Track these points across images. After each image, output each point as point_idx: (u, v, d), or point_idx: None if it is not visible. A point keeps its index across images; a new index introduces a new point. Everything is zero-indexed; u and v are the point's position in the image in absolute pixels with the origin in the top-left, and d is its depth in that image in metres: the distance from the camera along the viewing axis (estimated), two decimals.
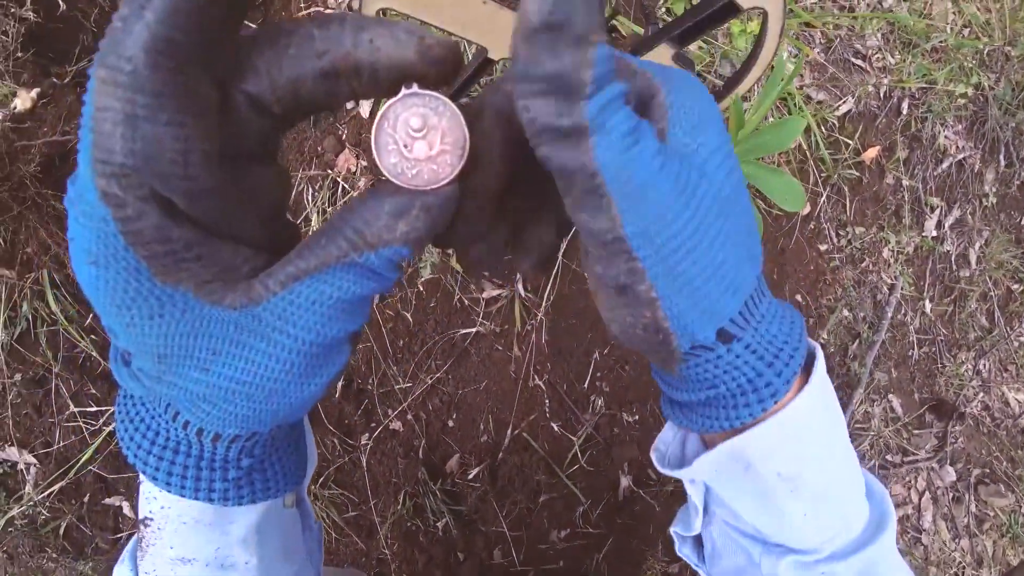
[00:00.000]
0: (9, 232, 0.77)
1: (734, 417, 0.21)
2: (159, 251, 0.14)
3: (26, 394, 0.84)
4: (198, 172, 0.14)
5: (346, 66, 0.15)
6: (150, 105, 0.12)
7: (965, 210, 1.11)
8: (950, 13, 1.04)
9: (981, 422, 1.14)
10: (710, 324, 0.19)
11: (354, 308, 0.17)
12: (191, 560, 0.22)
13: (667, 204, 0.16)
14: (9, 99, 0.78)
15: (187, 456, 0.19)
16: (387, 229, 0.15)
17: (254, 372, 0.16)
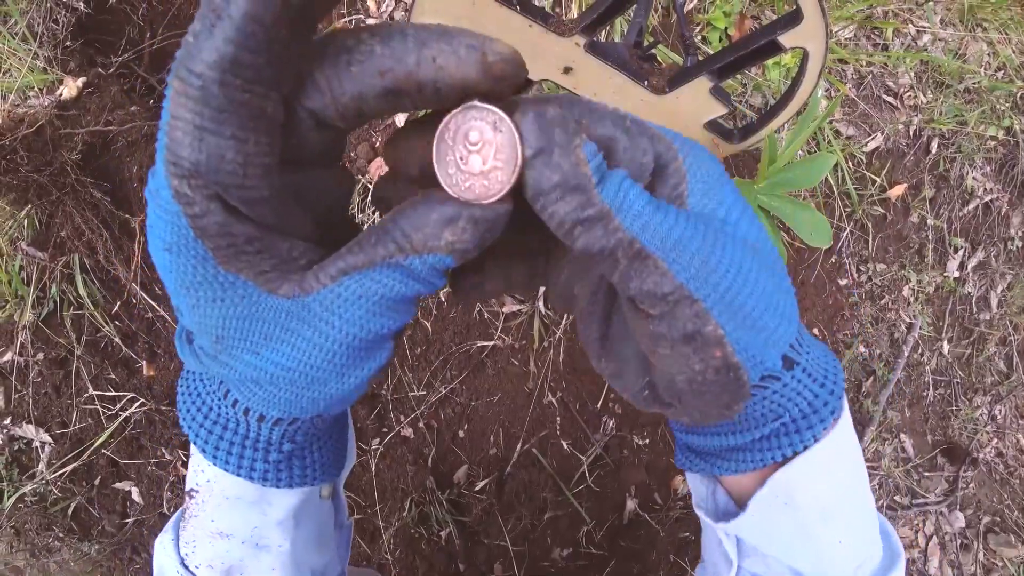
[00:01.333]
0: (45, 215, 0.79)
1: (798, 442, 0.21)
2: (222, 243, 0.16)
3: (47, 374, 0.85)
4: (256, 182, 0.15)
5: (409, 85, 0.15)
6: (215, 119, 0.13)
7: (989, 252, 1.10)
8: (985, 55, 1.03)
9: (994, 469, 1.12)
10: (775, 351, 0.19)
11: (398, 307, 0.17)
12: (229, 535, 0.24)
13: (707, 250, 0.17)
14: (56, 86, 0.80)
15: (234, 433, 0.21)
16: (433, 236, 0.16)
17: (298, 359, 0.18)
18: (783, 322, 0.19)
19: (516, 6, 0.45)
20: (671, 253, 0.17)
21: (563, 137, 0.16)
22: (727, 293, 0.18)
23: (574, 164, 0.16)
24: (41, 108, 0.75)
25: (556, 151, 0.16)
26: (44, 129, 0.73)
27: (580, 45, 0.48)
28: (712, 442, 0.23)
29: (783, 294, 0.19)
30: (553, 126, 0.16)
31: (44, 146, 0.74)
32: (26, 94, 0.79)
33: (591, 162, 0.16)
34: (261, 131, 0.14)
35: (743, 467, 0.23)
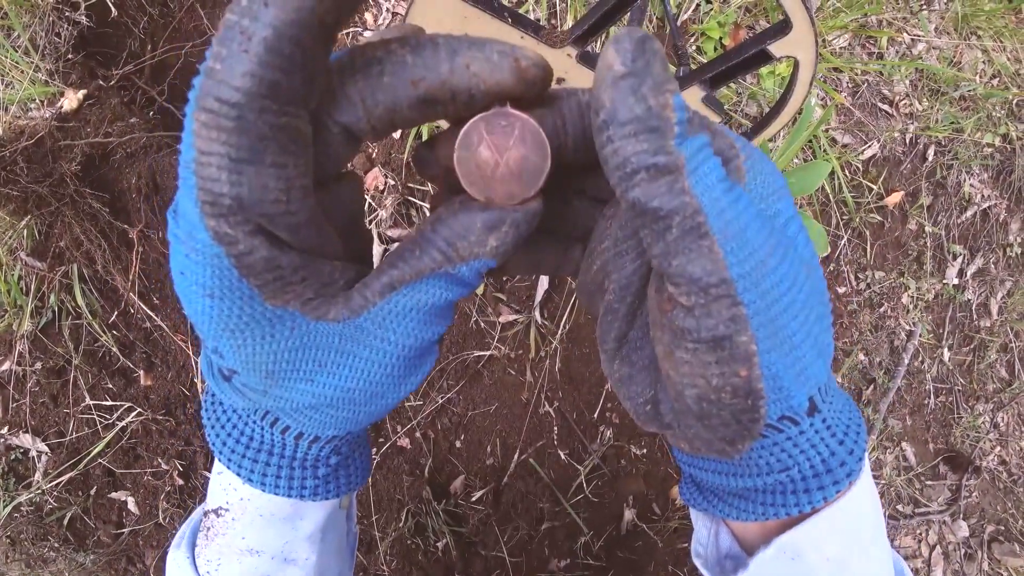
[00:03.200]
0: (45, 226, 0.79)
1: (805, 502, 0.19)
2: (269, 279, 0.15)
3: (45, 383, 0.85)
4: (298, 207, 0.14)
5: (443, 93, 0.15)
6: (254, 149, 0.13)
7: (988, 259, 1.10)
8: (980, 62, 1.04)
9: (997, 477, 1.11)
10: (803, 389, 0.17)
11: (445, 312, 0.18)
12: (259, 552, 0.23)
13: (768, 250, 0.15)
14: (57, 98, 0.81)
15: (280, 457, 0.21)
16: (479, 243, 0.16)
17: (358, 379, 0.18)
18: (819, 359, 0.17)
19: (508, 19, 0.46)
20: (732, 241, 0.15)
21: (660, 71, 0.14)
22: (775, 305, 0.15)
23: (662, 104, 0.14)
24: (42, 120, 0.76)
25: (649, 81, 0.14)
26: (44, 140, 0.74)
27: (572, 56, 0.49)
28: (711, 479, 0.21)
29: (825, 327, 0.17)
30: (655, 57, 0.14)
31: (44, 157, 0.75)
32: (27, 106, 0.80)
33: (679, 108, 0.14)
34: (300, 154, 0.14)
35: (743, 516, 0.20)
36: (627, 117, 0.14)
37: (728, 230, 0.15)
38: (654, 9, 0.77)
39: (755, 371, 0.16)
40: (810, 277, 0.17)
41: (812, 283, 0.17)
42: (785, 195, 0.17)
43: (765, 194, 0.17)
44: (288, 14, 0.12)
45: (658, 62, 0.14)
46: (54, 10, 0.83)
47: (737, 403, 0.16)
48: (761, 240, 0.15)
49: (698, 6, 0.83)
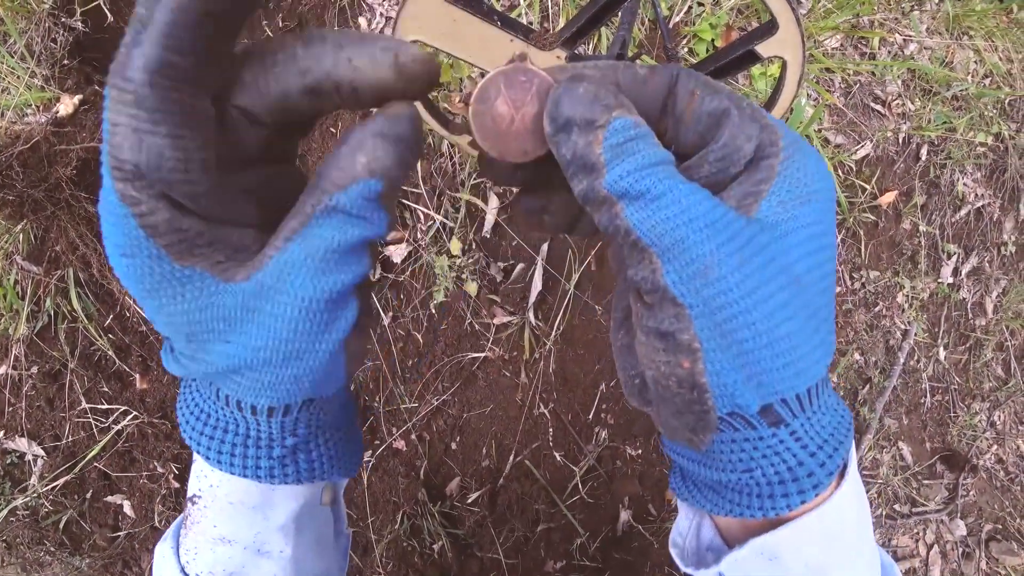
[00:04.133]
0: (40, 230, 0.80)
1: (769, 507, 0.19)
2: (174, 239, 0.16)
3: (41, 387, 0.85)
4: (197, 176, 0.15)
5: (327, 84, 0.16)
6: (151, 120, 0.14)
7: (983, 258, 1.10)
8: (972, 62, 1.04)
9: (994, 475, 1.11)
10: (755, 394, 0.18)
11: (347, 258, 0.17)
12: (231, 541, 0.23)
13: (715, 262, 0.16)
14: (53, 104, 0.81)
15: (235, 435, 0.21)
16: (349, 164, 0.16)
17: (265, 336, 0.17)
18: (784, 370, 0.17)
19: (497, 22, 0.46)
20: (668, 252, 0.16)
21: (586, 113, 0.16)
22: (720, 311, 0.16)
23: (588, 143, 0.16)
24: (37, 125, 0.76)
25: (575, 130, 0.16)
26: (39, 145, 0.74)
27: (561, 58, 0.49)
28: (688, 467, 0.22)
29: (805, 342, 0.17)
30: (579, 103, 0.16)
31: (39, 162, 0.75)
32: (24, 112, 0.80)
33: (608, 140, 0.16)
34: (195, 128, 0.15)
35: (716, 510, 0.21)
36: (565, 162, 0.17)
37: (663, 242, 0.16)
38: (645, 12, 0.77)
39: (698, 365, 0.17)
40: (787, 289, 0.17)
41: (788, 295, 0.17)
42: (814, 200, 0.18)
43: (788, 198, 0.17)
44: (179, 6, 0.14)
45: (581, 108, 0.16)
46: (50, 16, 0.83)
47: (684, 392, 0.18)
48: (709, 250, 0.16)
49: (690, 8, 0.84)
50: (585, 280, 0.79)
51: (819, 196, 0.18)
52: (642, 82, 0.18)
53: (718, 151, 0.17)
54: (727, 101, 0.17)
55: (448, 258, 0.72)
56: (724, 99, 0.17)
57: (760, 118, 0.17)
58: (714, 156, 0.17)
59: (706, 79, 0.18)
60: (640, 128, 0.17)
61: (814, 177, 0.18)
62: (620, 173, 0.16)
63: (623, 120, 0.16)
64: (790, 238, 0.17)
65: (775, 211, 0.17)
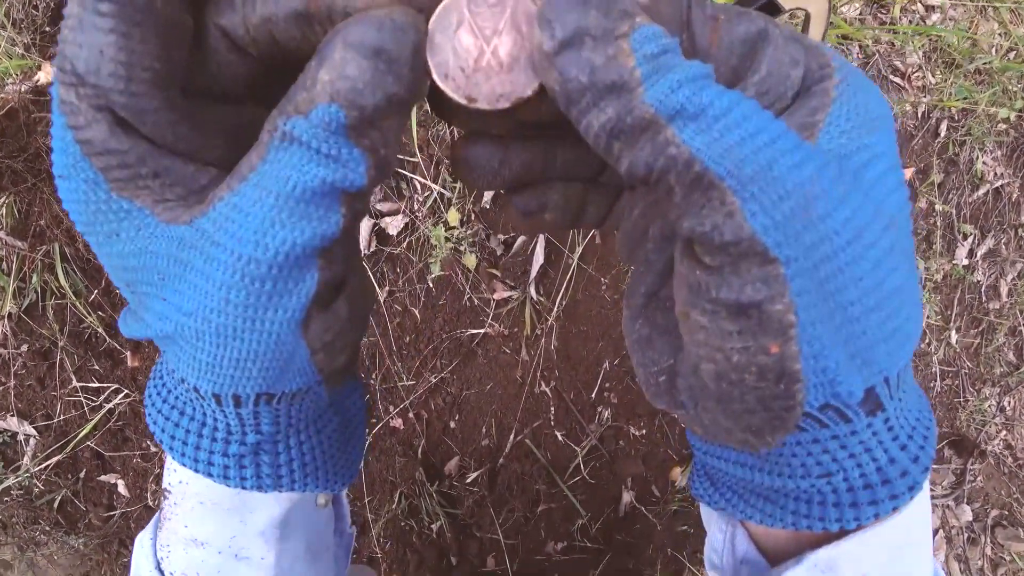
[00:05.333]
0: (24, 204, 0.77)
1: (851, 517, 0.15)
2: (112, 163, 0.13)
3: (31, 366, 0.84)
4: (142, 89, 0.13)
5: (318, 9, 0.13)
6: (97, 10, 0.12)
7: (1000, 240, 1.07)
8: (996, 34, 1.00)
9: (1002, 461, 1.09)
10: (859, 377, 0.14)
11: (306, 208, 0.13)
12: (204, 544, 0.21)
13: (814, 194, 0.12)
14: (34, 72, 0.78)
15: (191, 420, 0.17)
16: (312, 85, 0.12)
17: (195, 299, 0.14)
18: (891, 340, 0.14)
19: None
20: (751, 185, 0.12)
21: (599, 21, 0.12)
22: (827, 263, 0.12)
23: (610, 57, 0.12)
24: (16, 94, 0.73)
25: (587, 41, 0.12)
26: (17, 113, 0.71)
27: None
28: (731, 470, 0.18)
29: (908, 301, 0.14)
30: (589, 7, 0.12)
31: (18, 131, 0.72)
32: (3, 81, 0.77)
33: (640, 51, 0.12)
34: (150, 29, 0.12)
35: (767, 521, 0.17)
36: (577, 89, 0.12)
37: (744, 171, 0.12)
38: None
39: (791, 347, 0.13)
40: (888, 231, 0.13)
41: (891, 239, 0.13)
42: (881, 128, 0.14)
43: (851, 126, 0.14)
44: None
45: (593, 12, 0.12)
46: None
47: (765, 387, 0.13)
48: (802, 178, 0.12)
49: None
50: (589, 253, 0.76)
51: (884, 122, 0.14)
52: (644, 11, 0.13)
53: (760, 83, 0.14)
54: (761, 22, 0.13)
55: (446, 229, 0.69)
56: (757, 20, 0.13)
57: (804, 41, 0.14)
58: (756, 89, 0.14)
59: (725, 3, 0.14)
60: (672, 39, 0.12)
61: (875, 100, 0.14)
62: (670, 85, 0.12)
63: (651, 27, 0.12)
64: (871, 169, 0.13)
65: (840, 141, 0.13)
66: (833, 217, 0.12)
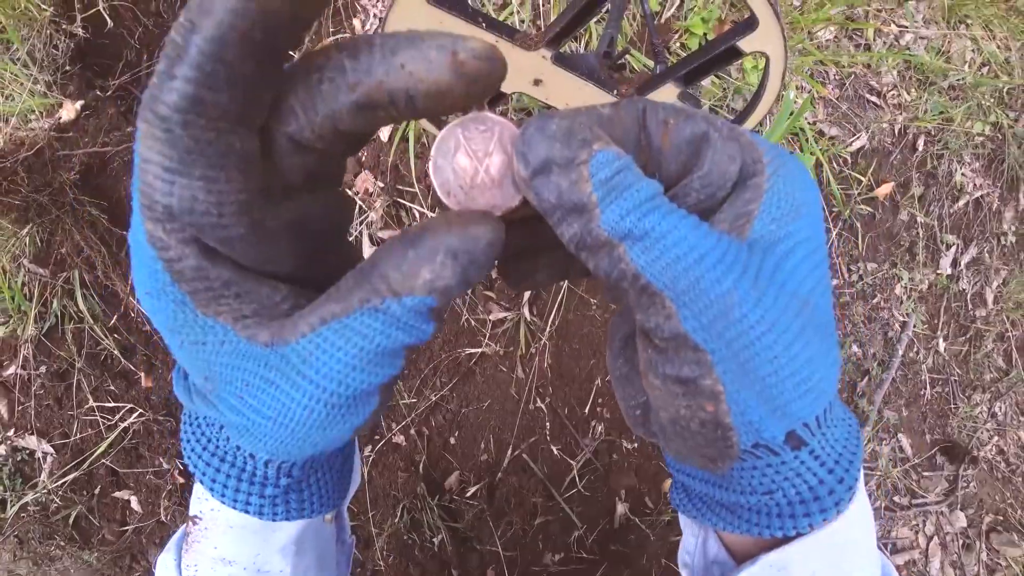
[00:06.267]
0: (46, 233, 0.82)
1: (790, 527, 0.19)
2: (199, 287, 0.15)
3: (49, 386, 0.87)
4: (232, 220, 0.14)
5: (380, 96, 0.14)
6: (183, 160, 0.13)
7: (982, 248, 1.09)
8: (968, 51, 1.03)
9: (995, 467, 1.11)
10: (780, 425, 0.17)
11: (382, 359, 0.16)
12: (231, 562, 0.23)
13: (733, 300, 0.15)
14: (56, 109, 0.83)
15: (231, 466, 0.20)
16: (411, 276, 0.15)
17: (278, 410, 0.16)
18: (805, 397, 0.17)
19: (482, 23, 0.47)
20: (684, 295, 0.15)
21: (564, 152, 0.15)
22: (743, 352, 0.16)
23: (573, 182, 0.15)
24: (41, 131, 0.78)
25: (554, 169, 0.15)
26: (43, 151, 0.76)
27: (547, 58, 0.50)
28: (700, 487, 0.21)
29: (821, 364, 0.17)
30: (554, 140, 0.15)
31: (44, 167, 0.77)
32: (27, 118, 0.82)
33: (597, 176, 0.15)
34: (232, 168, 0.14)
35: (730, 528, 0.20)
36: (549, 207, 0.15)
37: (678, 284, 0.15)
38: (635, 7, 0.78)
39: (722, 407, 0.16)
40: (804, 313, 0.16)
41: (803, 320, 0.16)
42: (805, 213, 0.17)
43: (780, 214, 0.17)
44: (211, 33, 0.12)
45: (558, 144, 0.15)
46: (51, 23, 0.85)
47: (707, 432, 0.17)
48: (726, 288, 0.15)
49: (682, 3, 0.84)
50: None
51: (808, 207, 0.17)
52: (608, 122, 0.16)
53: (703, 177, 0.16)
54: (704, 124, 0.16)
55: None
56: (700, 122, 0.16)
57: (739, 136, 0.17)
58: (700, 183, 0.16)
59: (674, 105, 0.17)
60: (624, 159, 0.15)
61: (801, 188, 0.17)
62: (620, 212, 0.15)
63: (606, 153, 0.15)
64: (791, 258, 0.16)
65: (769, 229, 0.16)
66: (748, 317, 0.15)
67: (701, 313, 0.15)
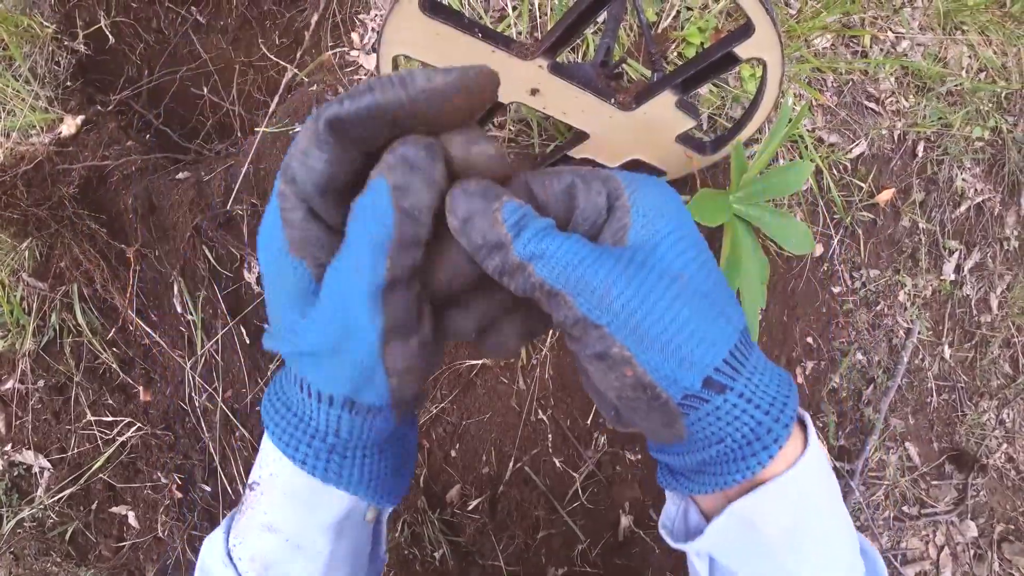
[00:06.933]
0: (45, 247, 0.82)
1: (744, 468, 0.23)
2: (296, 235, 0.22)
3: (47, 400, 0.87)
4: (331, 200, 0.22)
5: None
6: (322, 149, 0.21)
7: (986, 254, 1.09)
8: (965, 57, 1.04)
9: (1005, 475, 1.09)
10: (692, 372, 0.21)
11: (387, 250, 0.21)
12: (277, 530, 0.26)
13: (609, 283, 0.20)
14: (56, 124, 0.83)
15: (294, 415, 0.24)
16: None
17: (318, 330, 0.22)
18: (700, 346, 0.21)
19: (478, 34, 0.47)
20: (575, 288, 0.20)
21: (482, 204, 0.20)
22: (630, 319, 0.20)
23: (491, 225, 0.20)
24: (41, 145, 0.78)
25: (476, 217, 0.20)
26: (43, 165, 0.76)
27: (543, 67, 0.50)
28: (676, 462, 0.25)
29: (705, 320, 0.21)
30: (474, 197, 0.20)
31: (43, 181, 0.77)
32: (28, 133, 0.82)
33: (508, 220, 0.21)
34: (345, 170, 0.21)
35: (700, 488, 0.24)
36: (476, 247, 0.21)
37: (569, 282, 0.20)
38: (631, 17, 0.78)
39: (638, 369, 0.21)
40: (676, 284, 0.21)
41: (679, 289, 0.21)
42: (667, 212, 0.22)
43: (646, 220, 0.22)
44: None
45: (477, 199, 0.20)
46: (53, 39, 0.86)
47: (641, 395, 0.21)
48: (603, 276, 0.20)
49: (678, 13, 0.84)
50: None
51: (669, 208, 0.22)
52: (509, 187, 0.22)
53: (582, 212, 0.22)
54: (570, 176, 0.22)
55: None
56: (567, 176, 0.22)
57: (601, 176, 0.22)
58: (581, 217, 0.22)
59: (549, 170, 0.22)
60: (524, 205, 0.21)
61: (660, 196, 0.22)
62: (525, 241, 0.20)
63: (511, 203, 0.21)
64: (660, 248, 0.21)
65: (641, 233, 0.22)
66: (625, 293, 0.20)
67: (590, 298, 0.20)
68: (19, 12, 0.84)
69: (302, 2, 0.92)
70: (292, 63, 0.87)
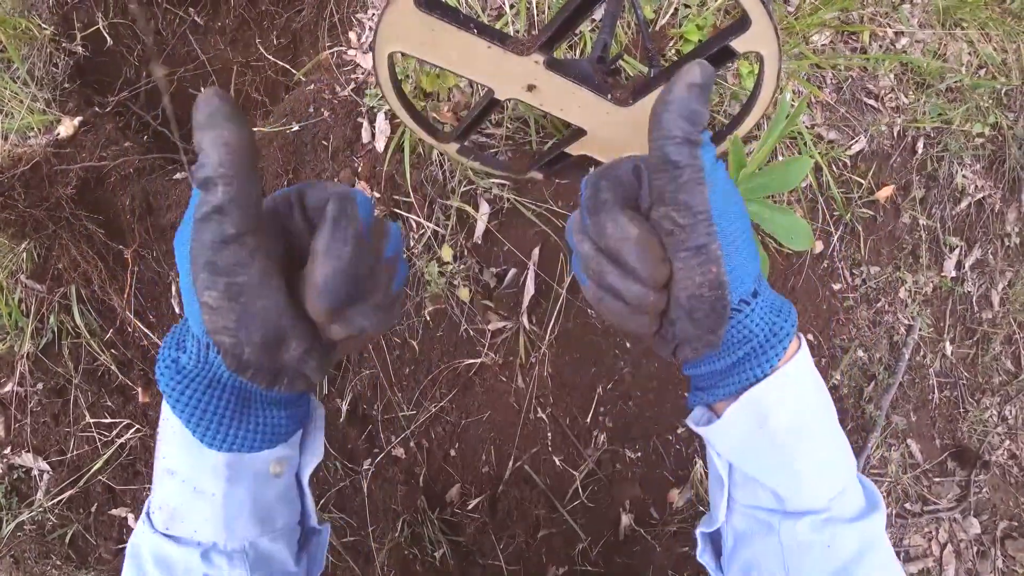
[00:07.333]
0: (43, 249, 0.81)
1: (764, 362, 0.28)
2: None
3: (46, 403, 0.87)
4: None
5: None
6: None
7: (986, 250, 1.08)
8: (965, 54, 1.03)
9: (1008, 471, 1.08)
10: (749, 279, 0.28)
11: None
12: (174, 472, 0.27)
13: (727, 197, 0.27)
14: (54, 126, 0.83)
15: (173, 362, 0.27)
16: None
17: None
18: (753, 259, 0.28)
19: (473, 29, 0.47)
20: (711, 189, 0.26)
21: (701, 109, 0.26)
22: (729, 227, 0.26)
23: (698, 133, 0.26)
24: (39, 147, 0.78)
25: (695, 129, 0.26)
26: (40, 166, 0.76)
27: (540, 63, 0.50)
28: (704, 370, 0.30)
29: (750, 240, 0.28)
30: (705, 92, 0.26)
31: (40, 182, 0.77)
32: (26, 134, 0.82)
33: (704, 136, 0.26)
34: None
35: (728, 390, 0.29)
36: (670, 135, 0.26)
37: (710, 182, 0.26)
38: (628, 14, 0.78)
39: (722, 267, 0.26)
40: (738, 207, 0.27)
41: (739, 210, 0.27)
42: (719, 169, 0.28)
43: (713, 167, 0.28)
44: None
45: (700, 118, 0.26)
46: (51, 42, 0.86)
47: (712, 294, 0.26)
48: (721, 191, 0.26)
49: (676, 10, 0.84)
50: (577, 284, 0.78)
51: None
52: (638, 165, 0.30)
53: None
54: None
55: (439, 265, 0.72)
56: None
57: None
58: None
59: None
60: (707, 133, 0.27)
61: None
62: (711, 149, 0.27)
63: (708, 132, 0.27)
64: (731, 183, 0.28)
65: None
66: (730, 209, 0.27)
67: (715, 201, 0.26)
68: (17, 14, 0.84)
69: (299, 2, 0.92)
70: (290, 63, 0.87)
